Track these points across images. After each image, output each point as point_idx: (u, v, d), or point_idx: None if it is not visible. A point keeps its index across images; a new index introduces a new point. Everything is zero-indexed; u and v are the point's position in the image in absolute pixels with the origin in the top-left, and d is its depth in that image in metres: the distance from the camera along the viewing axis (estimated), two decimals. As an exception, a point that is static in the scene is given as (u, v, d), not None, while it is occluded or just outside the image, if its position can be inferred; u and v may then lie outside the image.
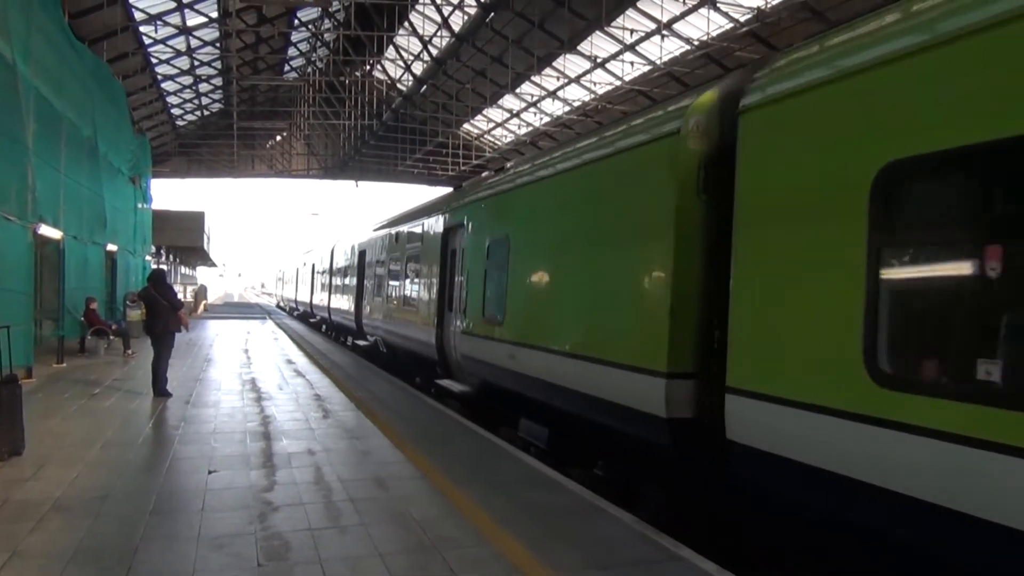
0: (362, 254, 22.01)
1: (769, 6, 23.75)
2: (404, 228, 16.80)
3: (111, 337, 18.29)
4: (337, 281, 27.19)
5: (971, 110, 4.01)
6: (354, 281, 22.77)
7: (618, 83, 32.41)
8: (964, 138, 3.99)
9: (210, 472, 7.12)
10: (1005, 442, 3.57)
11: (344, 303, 25.00)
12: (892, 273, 4.45)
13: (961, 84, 4.05)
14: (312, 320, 36.13)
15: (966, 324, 4.11)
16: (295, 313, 45.45)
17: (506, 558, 5.01)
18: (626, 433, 6.84)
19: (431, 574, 4.74)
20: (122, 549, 4.98)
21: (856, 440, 4.36)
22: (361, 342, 21.41)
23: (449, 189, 21.47)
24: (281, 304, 62.16)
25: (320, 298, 31.70)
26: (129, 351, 17.84)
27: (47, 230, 14.11)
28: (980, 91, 3.98)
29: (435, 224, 13.96)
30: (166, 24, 28.93)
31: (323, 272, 31.09)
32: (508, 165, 11.90)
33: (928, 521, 3.96)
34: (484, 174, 14.60)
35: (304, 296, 38.76)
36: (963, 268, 4.16)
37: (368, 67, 41.09)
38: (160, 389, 11.53)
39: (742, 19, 25.24)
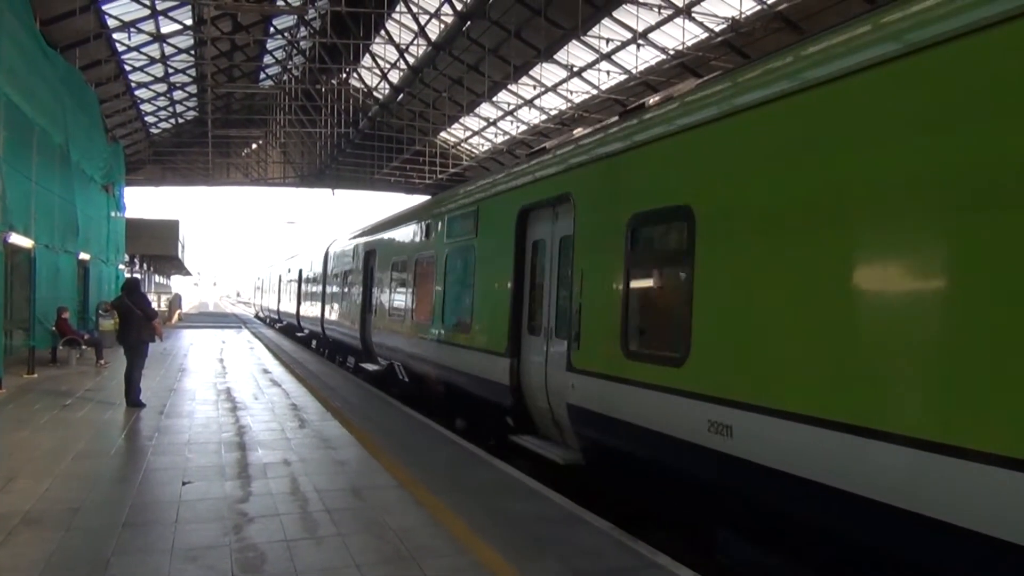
0: (370, 255, 17.86)
1: (743, 17, 24.02)
2: (454, 212, 11.97)
3: (83, 347, 18.06)
4: (333, 289, 22.98)
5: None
6: (358, 289, 18.71)
7: (594, 92, 32.59)
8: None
9: (184, 483, 7.05)
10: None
11: (343, 316, 20.92)
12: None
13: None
14: (299, 335, 31.40)
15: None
16: (277, 326, 40.35)
17: (483, 567, 5.00)
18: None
19: (408, 584, 4.71)
20: (94, 562, 4.91)
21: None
22: (370, 366, 17.19)
23: (426, 197, 20.41)
24: (261, 315, 56.96)
25: (309, 309, 27.85)
26: (102, 361, 17.62)
27: (18, 239, 13.92)
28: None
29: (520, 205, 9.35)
30: (140, 31, 28.71)
31: (313, 279, 27.18)
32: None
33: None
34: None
35: (289, 307, 34.07)
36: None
37: (344, 75, 41.04)
38: (133, 399, 11.39)
39: (717, 29, 25.49)
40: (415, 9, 29.59)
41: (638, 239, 6.83)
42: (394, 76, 37.11)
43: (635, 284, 6.84)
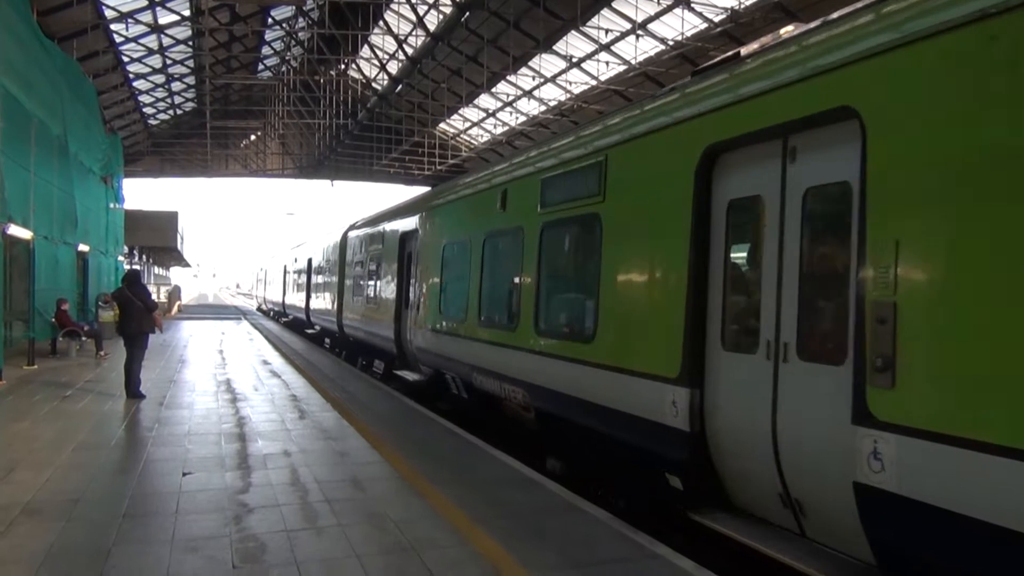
0: (408, 238, 14.78)
1: (743, 7, 23.96)
2: (554, 171, 8.53)
3: (83, 339, 18.06)
4: (354, 280, 19.78)
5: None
6: (390, 280, 15.64)
7: (594, 83, 32.51)
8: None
9: (184, 474, 7.06)
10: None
11: (368, 312, 17.70)
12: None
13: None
14: (310, 331, 28.27)
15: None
16: (283, 320, 37.51)
17: (483, 558, 5.01)
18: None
19: (409, 575, 4.73)
20: (94, 553, 4.92)
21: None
22: (408, 375, 13.96)
23: (425, 188, 20.25)
24: (264, 308, 52.19)
25: (323, 303, 24.90)
26: (102, 352, 17.62)
27: (16, 230, 13.90)
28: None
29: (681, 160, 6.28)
30: (137, 22, 28.60)
31: (327, 269, 24.34)
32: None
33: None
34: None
35: (297, 300, 31.02)
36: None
37: (343, 66, 40.91)
38: (133, 391, 11.40)
39: (716, 19, 25.44)
40: (413, 0, 29.48)
41: None
42: (393, 67, 36.99)
43: None
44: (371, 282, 17.59)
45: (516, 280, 9.29)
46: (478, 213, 10.93)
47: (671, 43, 27.48)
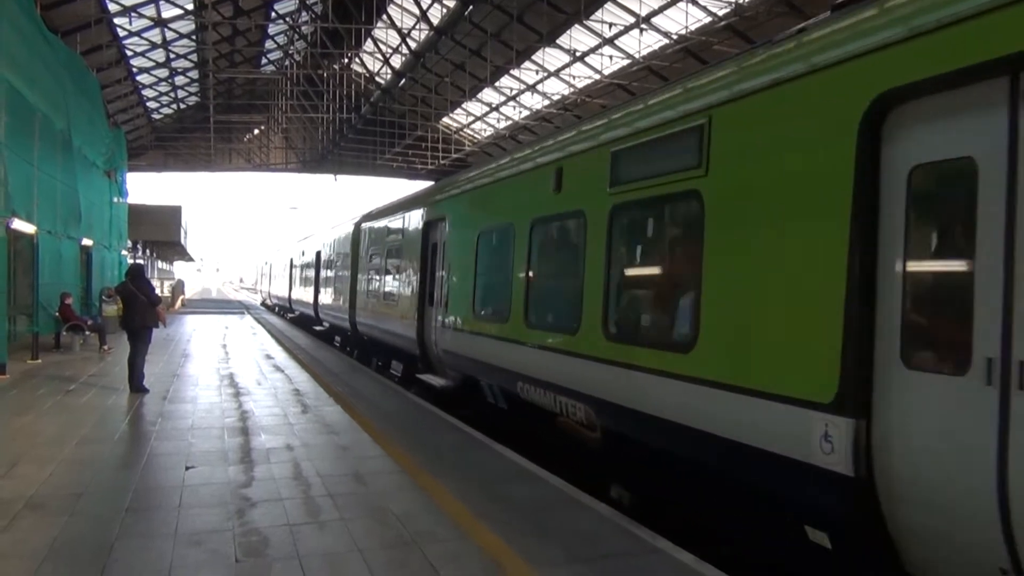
0: (432, 227, 13.31)
1: (747, 1, 23.87)
2: (630, 141, 6.99)
3: (87, 333, 18.09)
4: (368, 275, 18.33)
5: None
6: (411, 274, 14.12)
7: (597, 77, 32.45)
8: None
9: (187, 468, 7.07)
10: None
11: (385, 309, 16.18)
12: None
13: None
14: (319, 328, 26.95)
15: None
16: (289, 316, 35.74)
17: (485, 552, 5.02)
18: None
19: (411, 569, 4.73)
20: (97, 547, 4.94)
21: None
22: (433, 380, 12.44)
23: (429, 183, 19.98)
24: (269, 303, 49.90)
25: (332, 298, 23.42)
26: (105, 347, 17.66)
27: (20, 224, 13.93)
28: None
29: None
30: (141, 16, 28.62)
31: (337, 262, 22.95)
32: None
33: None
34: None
35: (304, 295, 29.36)
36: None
37: (346, 60, 40.87)
38: (137, 385, 11.42)
39: (720, 13, 25.36)
40: (417, -7, 29.47)
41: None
42: (396, 61, 36.97)
43: None
44: (389, 276, 16.01)
45: (578, 274, 7.62)
46: (524, 196, 9.26)
47: (675, 37, 27.38)
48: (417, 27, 30.88)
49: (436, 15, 29.74)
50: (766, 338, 5.07)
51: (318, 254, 26.97)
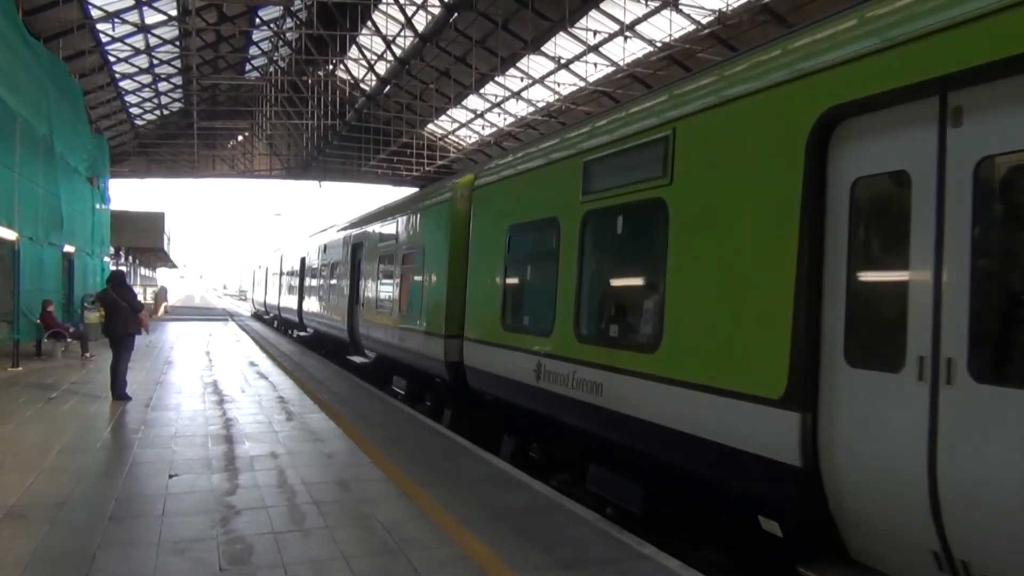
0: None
1: (730, 9, 24.06)
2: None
3: (68, 340, 17.95)
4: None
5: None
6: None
7: (582, 84, 32.57)
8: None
9: (171, 476, 7.03)
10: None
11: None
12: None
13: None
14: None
15: None
16: (297, 334, 29.16)
17: (470, 559, 5.02)
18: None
19: (395, 576, 4.73)
20: (80, 556, 4.90)
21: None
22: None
23: (413, 189, 19.68)
24: (262, 312, 42.02)
25: (330, 306, 20.78)
26: (87, 354, 17.53)
27: (1, 231, 13.82)
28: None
29: None
30: (124, 22, 28.44)
31: (335, 269, 20.33)
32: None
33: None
34: None
35: (313, 306, 24.01)
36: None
37: (331, 67, 40.81)
38: (119, 392, 11.34)
39: (704, 21, 25.53)
40: (402, 0, 29.43)
41: None
42: (381, 68, 36.91)
43: None
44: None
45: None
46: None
47: (659, 45, 27.56)
48: (402, 34, 30.83)
49: (421, 22, 29.73)
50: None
51: (325, 247, 22.04)
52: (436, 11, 27.36)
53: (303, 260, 26.77)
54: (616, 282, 7.42)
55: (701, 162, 5.79)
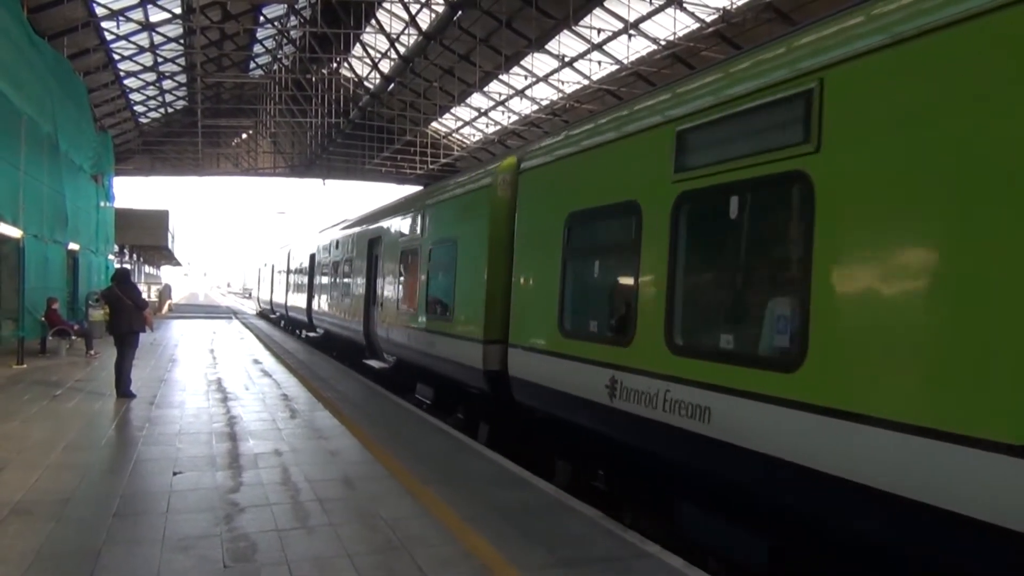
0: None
1: (734, 7, 24.03)
2: None
3: (73, 338, 17.99)
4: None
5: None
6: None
7: (586, 82, 32.56)
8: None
9: (175, 474, 7.05)
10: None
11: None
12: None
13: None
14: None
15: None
16: (302, 333, 27.89)
17: (474, 557, 5.03)
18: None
19: (399, 574, 4.73)
20: (84, 553, 4.91)
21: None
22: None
23: (416, 188, 19.41)
24: (268, 310, 39.78)
25: (343, 305, 19.32)
26: (92, 352, 17.56)
27: (6, 229, 13.86)
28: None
29: None
30: (128, 20, 28.46)
31: (349, 266, 18.90)
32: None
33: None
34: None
35: (325, 305, 22.49)
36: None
37: (335, 65, 40.81)
38: (124, 390, 11.36)
39: (708, 19, 25.51)
40: (406, -2, 29.47)
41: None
42: (385, 66, 36.93)
43: None
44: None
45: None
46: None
47: (663, 43, 27.51)
48: (406, 32, 30.82)
49: (425, 20, 29.74)
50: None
51: (345, 240, 20.01)
52: (440, 9, 27.38)
53: (313, 257, 25.51)
54: (728, 280, 5.80)
55: (871, 121, 4.38)
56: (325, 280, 22.83)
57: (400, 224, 14.43)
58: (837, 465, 4.29)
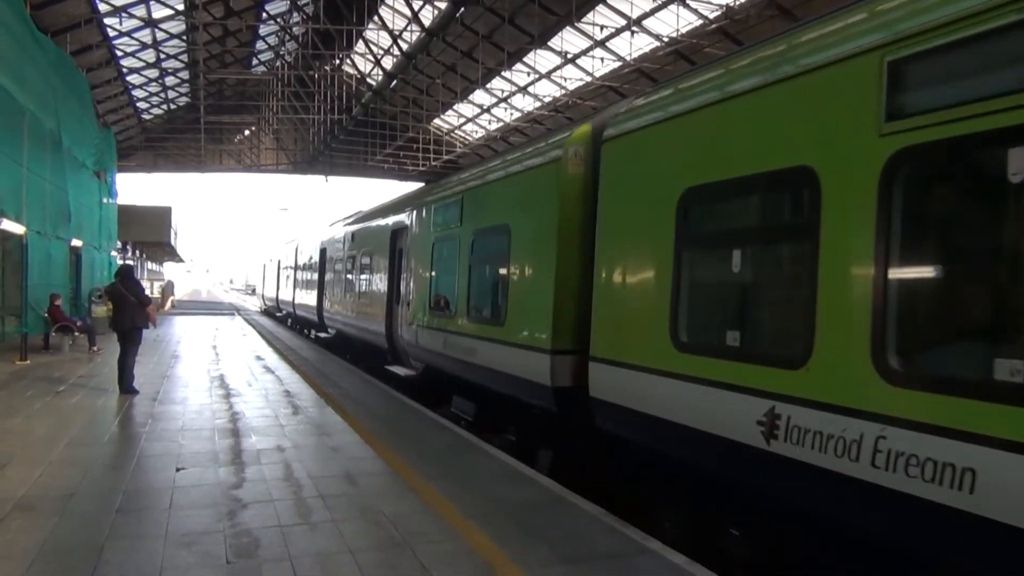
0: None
1: (738, 3, 23.99)
2: None
3: (76, 334, 18.02)
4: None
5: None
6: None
7: (588, 79, 32.51)
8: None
9: (178, 469, 7.06)
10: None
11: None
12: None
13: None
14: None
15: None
16: (312, 333, 26.17)
17: (476, 553, 5.03)
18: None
19: (401, 570, 4.74)
20: (88, 548, 4.92)
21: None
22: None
23: (419, 185, 19.26)
24: (273, 308, 38.72)
25: (361, 305, 17.66)
26: (95, 348, 17.59)
27: (9, 225, 13.87)
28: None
29: None
30: (131, 16, 28.44)
31: (368, 261, 17.25)
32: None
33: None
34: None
35: (338, 304, 20.62)
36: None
37: (337, 61, 40.80)
38: (127, 386, 11.38)
39: (711, 16, 25.46)
40: (408, -5, 29.44)
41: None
42: (387, 62, 36.90)
43: None
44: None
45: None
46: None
47: (666, 39, 27.47)
48: (408, 28, 30.78)
49: (427, 17, 29.71)
50: None
51: (347, 238, 19.49)
52: (443, 6, 27.34)
53: (323, 252, 23.23)
54: (991, 274, 3.87)
55: None
56: (339, 276, 20.74)
57: (431, 212, 12.56)
58: None
